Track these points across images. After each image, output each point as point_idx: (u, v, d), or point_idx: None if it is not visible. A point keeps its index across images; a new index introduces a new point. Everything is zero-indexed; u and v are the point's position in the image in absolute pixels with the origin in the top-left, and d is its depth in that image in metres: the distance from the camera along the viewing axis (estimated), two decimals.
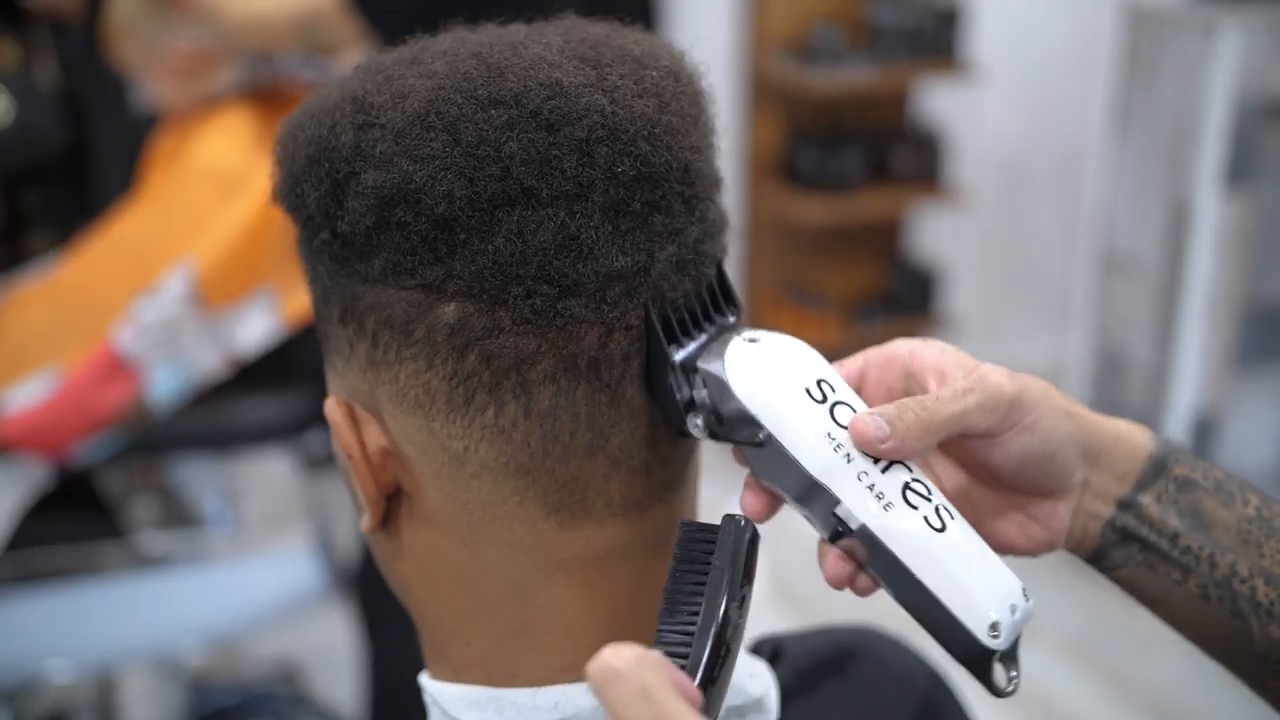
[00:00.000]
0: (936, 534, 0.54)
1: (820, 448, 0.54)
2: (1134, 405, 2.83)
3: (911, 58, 3.21)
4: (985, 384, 0.56)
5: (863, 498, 0.54)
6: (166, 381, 1.60)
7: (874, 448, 0.54)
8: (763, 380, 0.55)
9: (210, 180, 1.68)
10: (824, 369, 0.57)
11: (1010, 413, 0.56)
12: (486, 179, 0.53)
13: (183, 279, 1.59)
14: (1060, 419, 0.58)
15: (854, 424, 0.54)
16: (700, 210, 0.58)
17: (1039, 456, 0.57)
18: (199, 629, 1.89)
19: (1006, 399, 0.56)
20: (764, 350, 0.56)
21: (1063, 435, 0.58)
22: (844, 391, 0.56)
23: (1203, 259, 2.63)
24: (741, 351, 0.56)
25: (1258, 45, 2.54)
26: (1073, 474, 0.59)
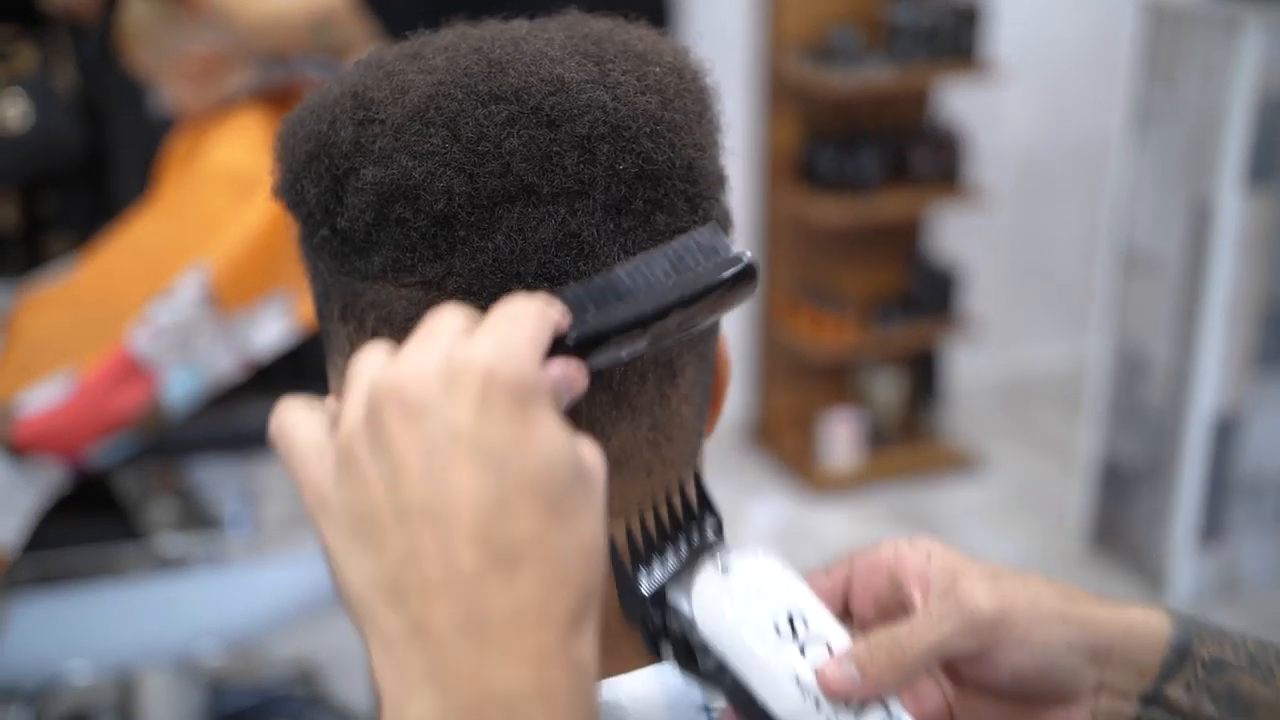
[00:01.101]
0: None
1: (788, 694, 0.50)
2: (1154, 406, 2.81)
3: (930, 57, 3.20)
4: (962, 607, 0.52)
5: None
6: (182, 384, 1.60)
7: (849, 697, 0.51)
8: (729, 619, 0.51)
9: (224, 183, 1.68)
10: (798, 598, 0.53)
11: (994, 631, 0.52)
12: (487, 175, 0.53)
13: (197, 281, 1.60)
14: (1055, 626, 0.53)
15: (821, 674, 0.50)
16: (704, 209, 0.57)
17: (1035, 670, 0.53)
18: (217, 630, 1.89)
19: (986, 620, 0.52)
20: (732, 583, 0.53)
21: (1060, 644, 0.53)
22: (819, 622, 0.52)
23: (1224, 258, 2.61)
24: (709, 585, 0.53)
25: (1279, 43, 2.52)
26: (1081, 679, 0.54)
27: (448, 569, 0.41)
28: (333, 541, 0.44)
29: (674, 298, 0.50)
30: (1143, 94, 2.75)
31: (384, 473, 0.43)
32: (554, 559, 0.42)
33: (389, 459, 0.43)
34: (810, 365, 3.47)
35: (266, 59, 1.73)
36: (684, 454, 0.59)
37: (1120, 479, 2.94)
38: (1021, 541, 3.12)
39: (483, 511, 0.42)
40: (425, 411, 0.43)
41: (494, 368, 0.43)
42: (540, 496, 0.43)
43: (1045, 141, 3.76)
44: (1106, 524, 3.00)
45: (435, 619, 0.41)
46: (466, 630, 0.41)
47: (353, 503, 0.44)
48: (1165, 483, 2.80)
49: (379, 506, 0.43)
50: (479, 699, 0.41)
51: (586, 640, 0.43)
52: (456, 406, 0.43)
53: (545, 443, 0.43)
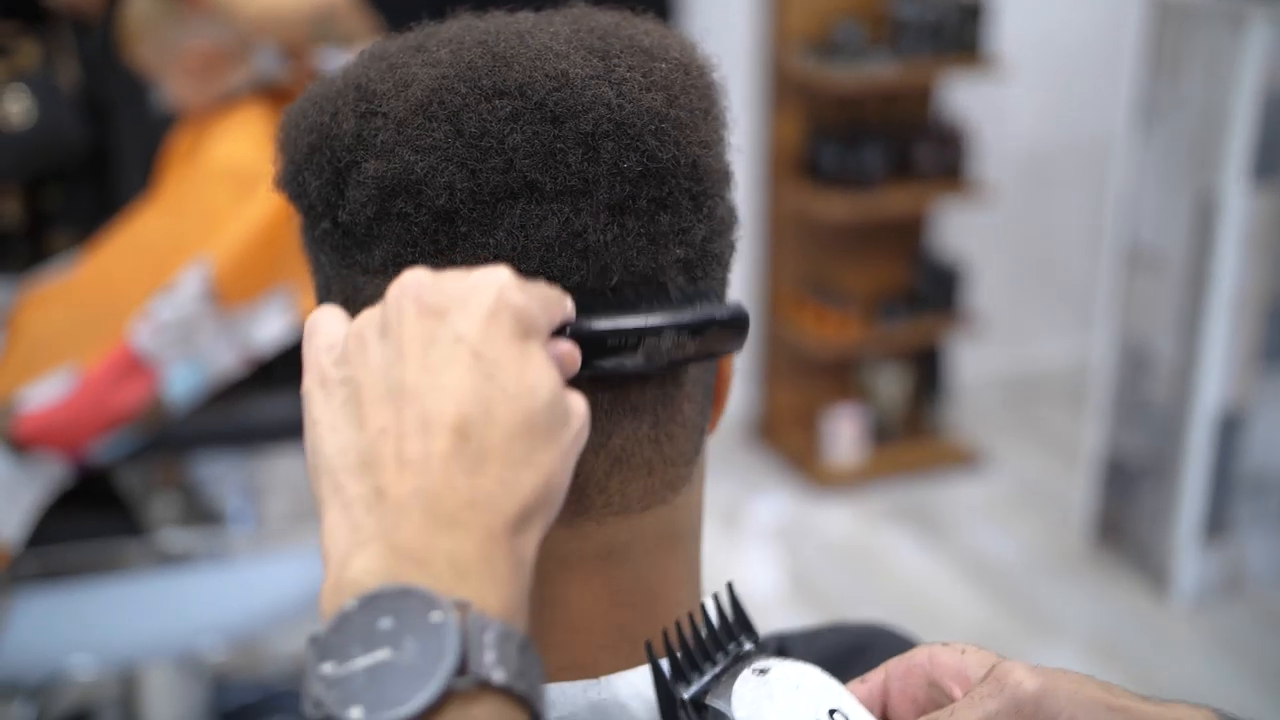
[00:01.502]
0: None
1: None
2: (1159, 402, 2.80)
3: (934, 53, 3.19)
4: (1004, 685, 0.51)
5: None
6: (183, 379, 1.60)
7: None
8: (769, 716, 0.52)
9: (226, 179, 1.68)
10: (837, 697, 0.53)
11: (1038, 712, 0.50)
12: (489, 171, 0.52)
13: (199, 277, 1.59)
14: (1099, 712, 0.51)
15: None
16: (709, 208, 0.57)
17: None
18: (220, 626, 1.89)
19: (1030, 697, 0.50)
20: (772, 683, 0.54)
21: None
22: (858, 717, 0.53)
23: (1229, 254, 2.60)
24: (749, 685, 0.53)
25: None
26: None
27: (422, 448, 0.44)
28: (319, 412, 0.47)
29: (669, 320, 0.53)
30: (1147, 89, 2.74)
31: (386, 354, 0.46)
32: (516, 467, 0.45)
33: (394, 344, 0.46)
34: (814, 361, 3.46)
35: (270, 53, 1.73)
36: (686, 452, 0.59)
37: (1124, 475, 2.94)
38: (1025, 538, 3.12)
39: (465, 408, 0.45)
40: (439, 313, 0.46)
41: (508, 298, 0.47)
42: (518, 412, 0.45)
43: (1049, 137, 3.75)
44: (1110, 521, 3.00)
45: (399, 488, 0.44)
46: (425, 500, 0.44)
47: (351, 378, 0.47)
48: (1169, 479, 2.80)
49: (374, 382, 0.46)
50: (425, 551, 0.43)
51: (529, 541, 0.46)
52: (468, 317, 0.46)
53: (533, 370, 0.46)
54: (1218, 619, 2.78)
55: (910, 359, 3.54)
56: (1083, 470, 3.12)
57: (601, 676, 0.57)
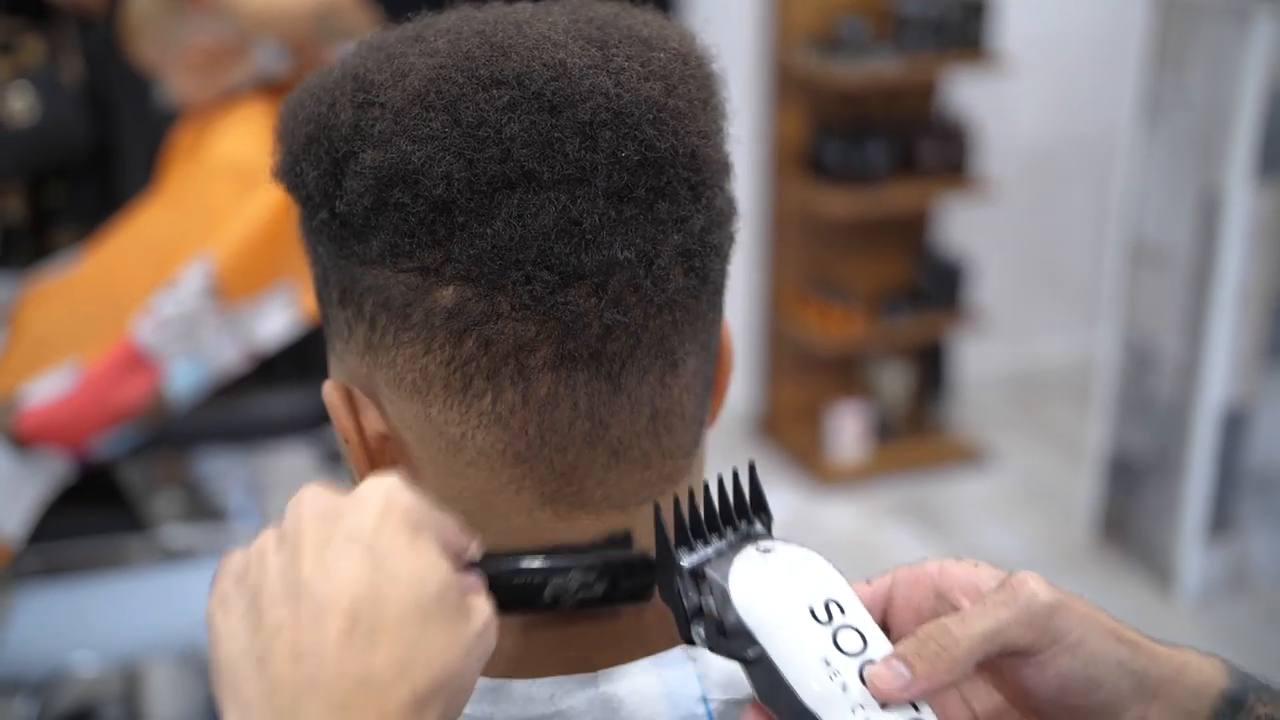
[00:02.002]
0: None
1: (815, 675, 0.49)
2: (1163, 399, 2.80)
3: (938, 49, 3.18)
4: (1019, 593, 0.50)
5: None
6: (185, 375, 1.60)
7: (900, 697, 0.49)
8: (765, 594, 0.51)
9: (229, 174, 1.68)
10: (837, 587, 0.52)
11: (1050, 626, 0.50)
12: (486, 161, 0.52)
13: (201, 273, 1.59)
14: (1109, 642, 0.51)
15: (872, 677, 0.49)
16: (707, 198, 0.56)
17: (1082, 683, 0.50)
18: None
19: (1045, 608, 0.50)
20: (773, 562, 0.53)
21: (1112, 661, 0.51)
22: (856, 614, 0.52)
23: (1234, 250, 2.60)
24: (749, 562, 0.53)
25: None
26: (1124, 709, 0.51)
27: (315, 635, 0.45)
28: (219, 626, 0.48)
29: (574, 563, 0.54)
30: (1152, 85, 2.74)
31: (283, 559, 0.48)
32: (409, 647, 0.46)
33: (290, 548, 0.48)
34: (817, 358, 3.46)
35: (272, 48, 1.72)
36: (684, 445, 0.59)
37: (1129, 472, 2.93)
38: (1029, 534, 3.11)
39: (358, 594, 0.46)
40: (333, 517, 0.48)
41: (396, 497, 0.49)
42: (408, 594, 0.46)
43: (1053, 133, 3.74)
44: (1115, 517, 2.99)
45: (294, 680, 0.45)
46: (319, 689, 0.44)
47: (251, 585, 0.48)
48: (1174, 476, 2.79)
49: (271, 584, 0.47)
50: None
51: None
52: (360, 516, 0.48)
53: (423, 558, 0.47)
54: (1222, 615, 2.77)
55: (914, 355, 3.53)
56: (1087, 466, 3.11)
57: (599, 670, 0.57)
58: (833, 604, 0.51)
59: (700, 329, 0.58)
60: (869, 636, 0.51)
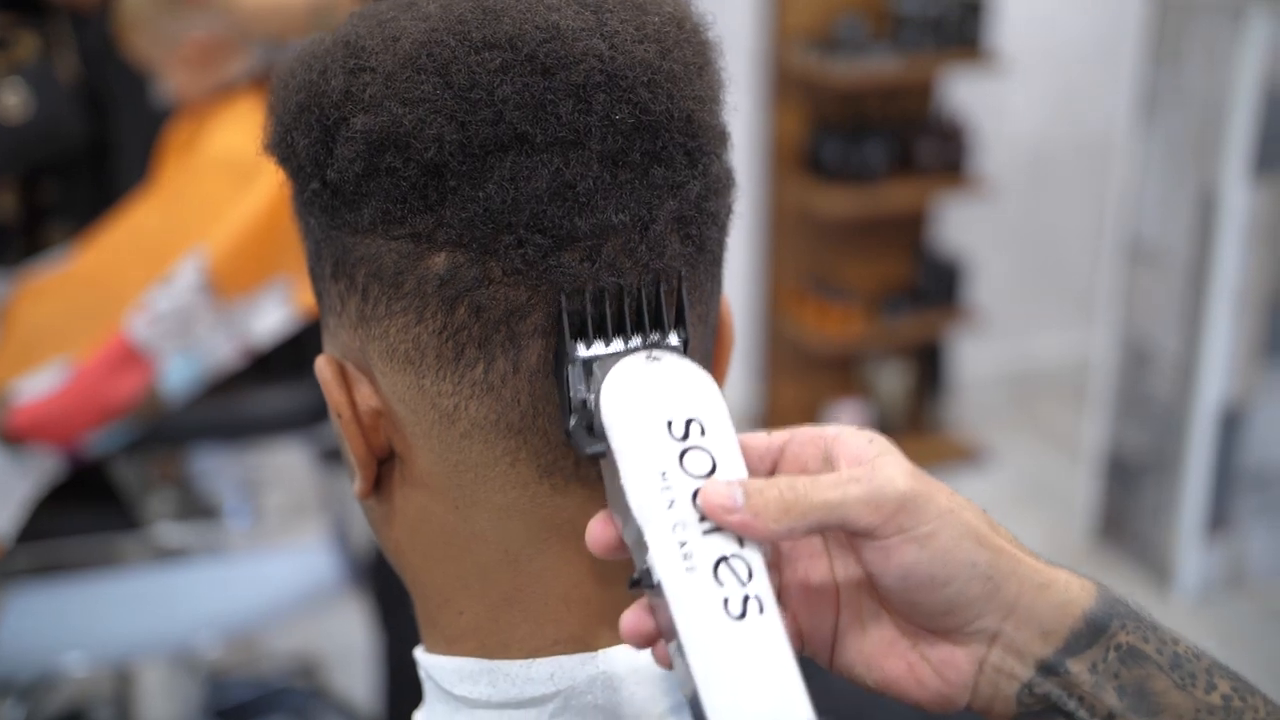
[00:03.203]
0: (729, 620, 0.46)
1: (649, 483, 0.48)
2: (1161, 397, 2.79)
3: (935, 47, 3.18)
4: (875, 475, 0.48)
5: (669, 551, 0.47)
6: (180, 371, 1.59)
7: (722, 517, 0.47)
8: (630, 398, 0.50)
9: (224, 170, 1.67)
10: (709, 411, 0.50)
11: (898, 514, 0.47)
12: (479, 123, 0.51)
13: (195, 268, 1.58)
14: (965, 542, 0.48)
15: (706, 488, 0.47)
16: (704, 164, 0.56)
17: (927, 579, 0.48)
18: (216, 622, 1.88)
19: (894, 496, 0.47)
20: (654, 370, 0.52)
21: (963, 561, 0.48)
22: (719, 440, 0.50)
23: (1231, 248, 2.59)
24: (631, 364, 0.52)
25: None
26: (974, 614, 0.49)
27: None
28: None
29: None
30: (1148, 83, 2.73)
31: None
32: None
33: None
34: (816, 357, 3.45)
35: (268, 43, 1.71)
36: None
37: (1126, 471, 2.93)
38: (1027, 533, 3.08)
39: None
40: None
41: None
42: None
43: (1050, 132, 3.74)
44: (1113, 516, 2.99)
45: None
46: None
47: None
48: (1171, 474, 2.79)
49: None
50: None
51: None
52: None
53: None
54: (1220, 613, 2.77)
55: (912, 354, 3.53)
56: (1085, 465, 3.11)
57: (599, 650, 0.57)
58: (695, 424, 0.50)
59: (698, 299, 0.57)
60: (721, 464, 0.49)
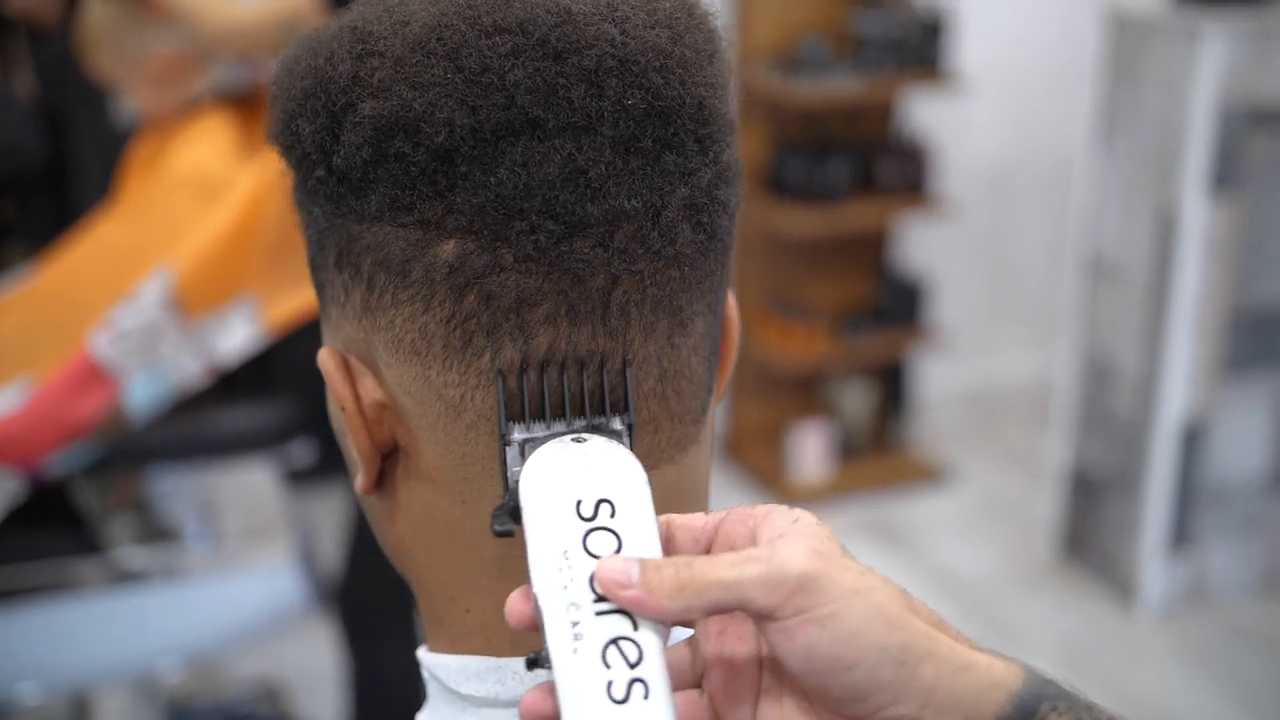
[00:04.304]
0: (609, 703, 0.45)
1: (549, 562, 0.48)
2: (1123, 414, 2.81)
3: (896, 68, 3.21)
4: (774, 555, 0.46)
5: (560, 631, 0.46)
6: (144, 389, 1.57)
7: (615, 593, 0.46)
8: (545, 479, 0.50)
9: (190, 186, 1.66)
10: (627, 494, 0.50)
11: (796, 594, 0.45)
12: (490, 108, 0.51)
13: (160, 285, 1.57)
14: (874, 624, 0.45)
15: (602, 564, 0.46)
16: (715, 152, 0.55)
17: (831, 661, 0.45)
18: (178, 647, 1.85)
19: (793, 575, 0.45)
20: (575, 453, 0.51)
21: (871, 645, 0.45)
22: (631, 523, 0.49)
23: (1190, 265, 2.62)
24: (555, 448, 0.51)
25: (1240, 51, 2.54)
26: (887, 700, 0.46)
27: None
28: None
29: None
30: (1107, 103, 2.77)
31: None
32: None
33: None
34: (779, 377, 3.46)
35: (234, 60, 1.70)
36: (693, 409, 0.57)
37: (1089, 488, 2.95)
38: (991, 552, 3.12)
39: None
40: None
41: None
42: None
43: (1011, 152, 3.78)
44: (1076, 533, 3.00)
45: None
46: None
47: None
48: (1134, 491, 2.81)
49: None
50: None
51: None
52: None
53: None
54: (1183, 629, 2.79)
55: (875, 374, 3.54)
56: (1048, 483, 3.13)
57: None
58: (607, 505, 0.49)
59: (708, 288, 0.56)
60: (628, 544, 0.48)
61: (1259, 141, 2.60)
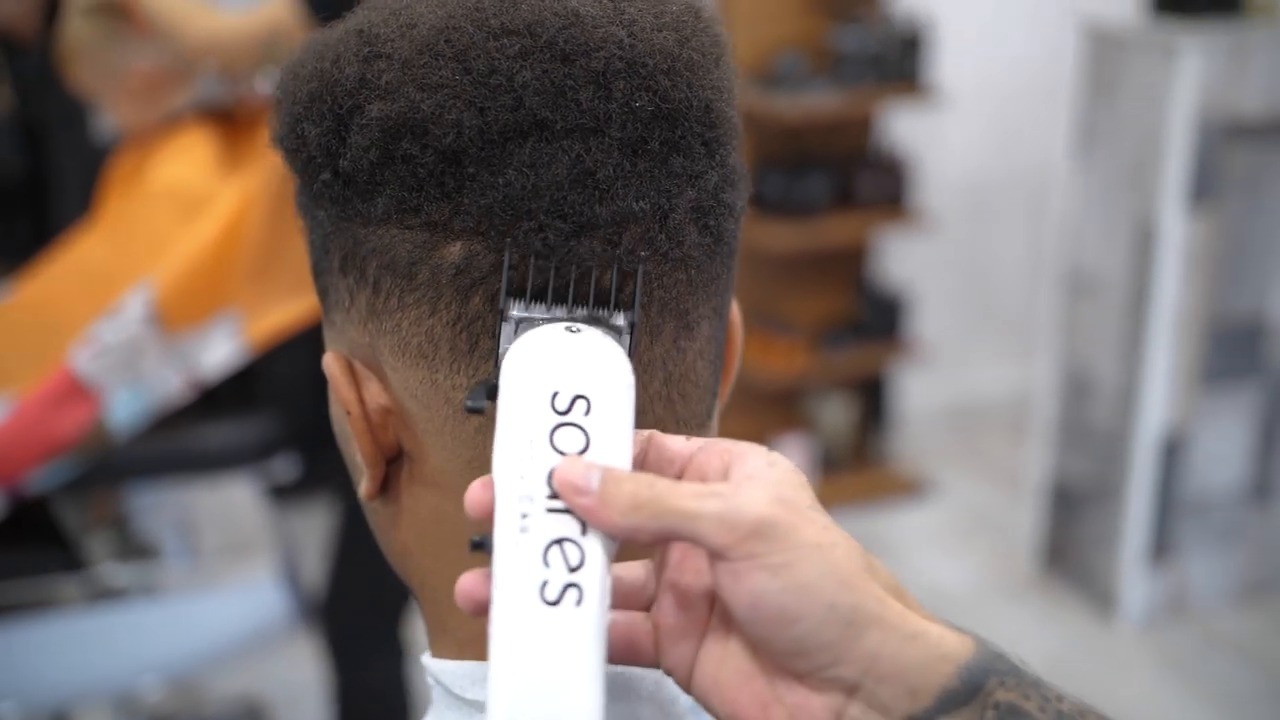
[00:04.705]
0: (539, 603, 0.44)
1: (512, 449, 0.47)
2: (1102, 427, 2.83)
3: (875, 83, 3.22)
4: (736, 494, 0.45)
5: (508, 521, 0.45)
6: (127, 405, 1.56)
7: (570, 497, 0.45)
8: (528, 364, 0.49)
9: (171, 201, 1.65)
10: (608, 393, 0.49)
11: (750, 538, 0.44)
12: (498, 109, 0.51)
13: (142, 301, 1.56)
14: (826, 581, 0.44)
15: (562, 465, 0.46)
16: (721, 155, 0.56)
17: (777, 610, 0.44)
18: (158, 664, 1.84)
19: (750, 518, 0.44)
20: (565, 341, 0.50)
21: (820, 600, 0.44)
22: (605, 424, 0.48)
23: (1169, 278, 2.64)
24: (547, 333, 0.50)
25: (1217, 65, 2.56)
26: (828, 660, 0.44)
27: None
28: None
29: None
30: (1086, 117, 2.79)
31: None
32: None
33: None
34: (759, 391, 3.46)
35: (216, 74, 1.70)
36: (699, 414, 0.58)
37: (1069, 500, 2.96)
38: (973, 565, 3.12)
39: None
40: None
41: None
42: None
43: (989, 166, 3.80)
44: (1057, 546, 3.01)
45: None
46: None
47: None
48: (1114, 503, 2.82)
49: None
50: None
51: None
52: None
53: None
54: (1163, 640, 2.80)
55: (855, 388, 3.55)
56: (1028, 496, 3.14)
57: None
58: (583, 400, 0.48)
59: (714, 292, 0.57)
60: (596, 446, 0.47)
61: (1236, 154, 2.62)
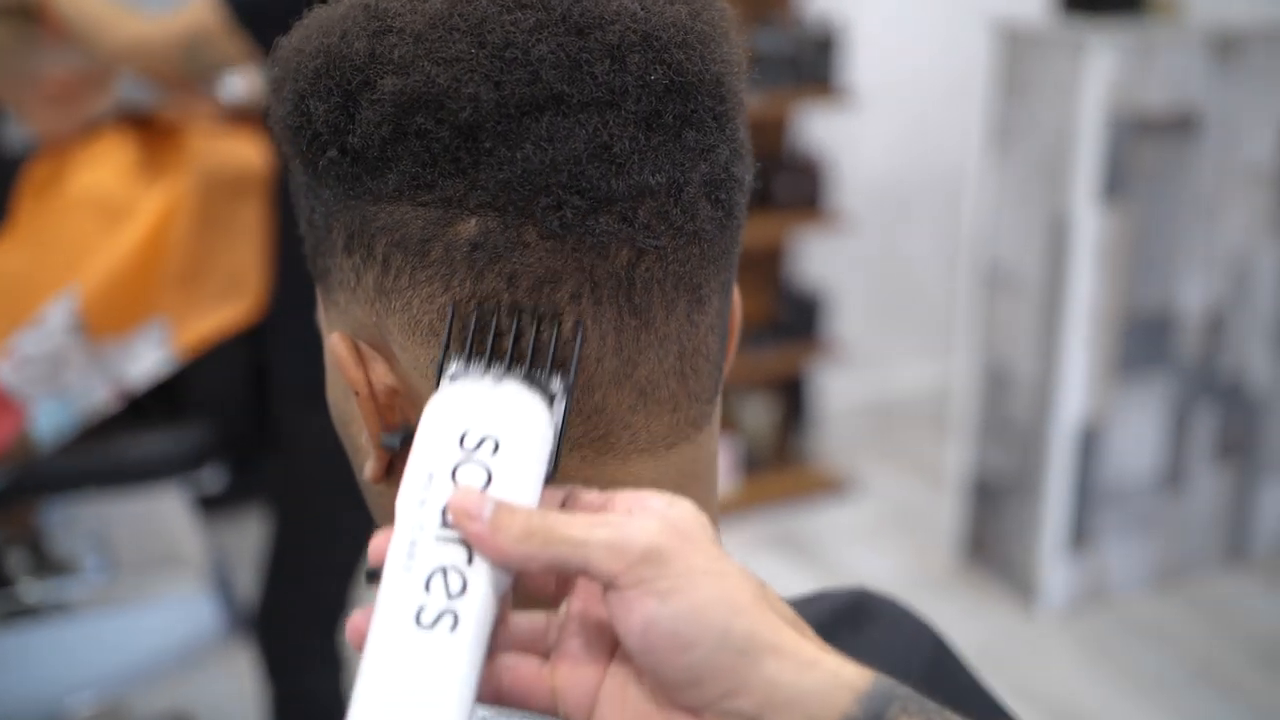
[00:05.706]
0: (412, 627, 0.45)
1: (414, 481, 0.48)
2: (1020, 420, 2.88)
3: (790, 85, 3.25)
4: (627, 524, 0.46)
5: (399, 549, 0.47)
6: (51, 416, 1.53)
7: (462, 522, 0.46)
8: (444, 407, 0.50)
9: (91, 208, 1.61)
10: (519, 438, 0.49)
11: (640, 564, 0.44)
12: (515, 83, 0.51)
13: (65, 310, 1.52)
14: (719, 606, 0.44)
15: (458, 493, 0.47)
16: (730, 129, 0.56)
17: (669, 636, 0.44)
18: (85, 682, 1.80)
19: (640, 545, 0.45)
20: (483, 389, 0.51)
21: (714, 626, 0.44)
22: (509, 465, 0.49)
23: (1083, 272, 2.70)
24: (472, 383, 0.51)
25: (1126, 62, 2.62)
26: (724, 690, 0.44)
27: None
28: None
29: None
30: (999, 115, 2.84)
31: None
32: None
33: None
34: None
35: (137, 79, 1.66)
36: (708, 388, 0.58)
37: (989, 493, 3.01)
38: (897, 559, 3.17)
39: None
40: None
41: None
42: None
43: (904, 166, 3.85)
44: (978, 538, 3.07)
45: None
46: None
47: None
48: (1033, 494, 2.88)
49: None
50: None
51: None
52: None
53: None
54: (1084, 626, 2.86)
55: (776, 388, 3.58)
56: (949, 490, 3.19)
57: None
58: (490, 441, 0.49)
59: (723, 266, 0.57)
60: (498, 484, 0.48)
61: (1146, 149, 2.69)
